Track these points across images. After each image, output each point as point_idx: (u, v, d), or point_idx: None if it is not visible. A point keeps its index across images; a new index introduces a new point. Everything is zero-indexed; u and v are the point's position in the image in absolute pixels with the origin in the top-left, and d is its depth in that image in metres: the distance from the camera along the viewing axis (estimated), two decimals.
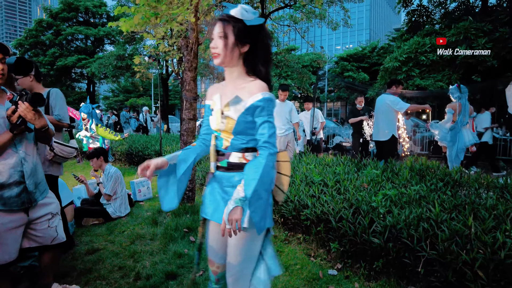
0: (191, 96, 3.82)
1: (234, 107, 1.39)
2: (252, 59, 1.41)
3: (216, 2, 4.01)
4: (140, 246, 3.03)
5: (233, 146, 1.43)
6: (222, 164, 1.46)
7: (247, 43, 1.38)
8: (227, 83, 1.49)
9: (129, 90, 37.35)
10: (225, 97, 1.44)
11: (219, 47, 1.37)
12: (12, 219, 1.75)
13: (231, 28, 1.35)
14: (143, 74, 11.80)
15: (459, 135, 5.05)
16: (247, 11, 1.36)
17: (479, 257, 1.87)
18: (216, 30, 1.38)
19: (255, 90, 1.36)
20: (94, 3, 26.07)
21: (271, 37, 1.46)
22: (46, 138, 1.91)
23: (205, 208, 1.51)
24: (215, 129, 1.47)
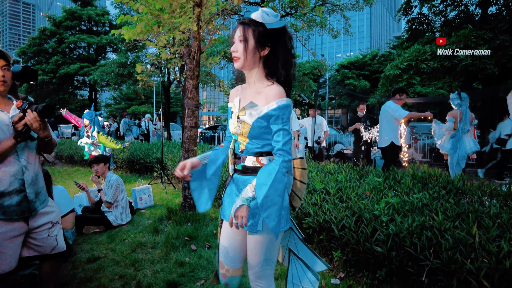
0: (193, 104, 3.83)
1: (249, 112, 1.40)
2: (272, 62, 1.41)
3: (218, 11, 4.04)
4: (141, 254, 3.01)
5: (248, 150, 1.45)
6: (238, 167, 1.49)
7: (267, 46, 1.39)
8: (247, 86, 1.50)
9: (131, 98, 37.53)
10: (243, 101, 1.46)
11: (239, 51, 1.38)
12: (12, 228, 1.74)
13: (252, 31, 1.36)
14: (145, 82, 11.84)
15: (460, 142, 5.04)
16: (268, 14, 1.36)
17: (484, 266, 1.85)
18: (236, 33, 1.40)
19: (271, 97, 1.36)
20: (97, 11, 26.36)
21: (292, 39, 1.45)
22: (48, 148, 1.91)
23: (223, 210, 1.55)
24: (232, 132, 1.50)
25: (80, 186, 4.04)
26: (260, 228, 1.40)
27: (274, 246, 1.46)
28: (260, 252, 1.43)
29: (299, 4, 12.18)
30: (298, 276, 1.58)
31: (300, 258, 1.59)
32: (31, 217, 1.84)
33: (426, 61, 8.98)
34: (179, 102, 35.48)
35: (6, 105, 1.81)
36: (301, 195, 1.59)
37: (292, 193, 1.57)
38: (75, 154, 8.49)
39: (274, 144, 1.36)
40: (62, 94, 26.74)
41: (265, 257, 1.44)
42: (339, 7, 14.99)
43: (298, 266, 1.59)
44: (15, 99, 1.85)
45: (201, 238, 3.29)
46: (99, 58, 27.36)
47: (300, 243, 1.62)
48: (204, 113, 71.76)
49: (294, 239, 1.62)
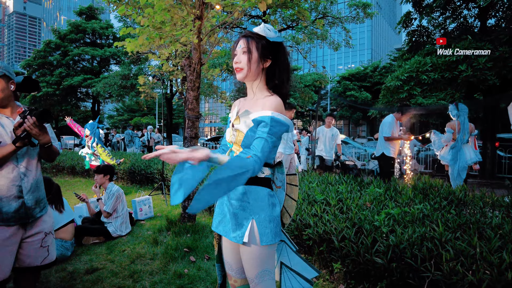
0: (194, 115, 3.85)
1: (244, 120, 1.41)
2: (273, 74, 1.44)
3: (219, 24, 4.10)
4: (140, 265, 2.99)
5: None
6: None
7: (269, 59, 1.42)
8: (248, 97, 1.53)
9: (133, 109, 37.82)
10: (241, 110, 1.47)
11: (242, 62, 1.41)
12: (9, 234, 1.74)
13: (255, 44, 1.40)
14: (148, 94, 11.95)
15: (460, 153, 5.05)
16: (270, 29, 1.42)
17: (486, 278, 1.82)
18: (239, 45, 1.43)
19: (267, 106, 1.36)
20: (101, 25, 26.75)
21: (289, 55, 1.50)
22: (49, 155, 1.92)
23: (214, 220, 1.54)
24: (228, 141, 1.50)
25: (80, 198, 4.04)
26: (246, 240, 1.37)
27: (268, 257, 1.43)
28: (255, 264, 1.40)
29: (300, 17, 12.36)
30: (292, 287, 1.56)
31: (292, 268, 1.57)
32: (29, 224, 1.83)
33: (426, 72, 9.01)
34: (181, 113, 35.68)
35: (12, 112, 1.85)
36: (291, 212, 1.56)
37: (283, 209, 1.55)
38: (76, 165, 8.51)
39: (252, 148, 1.30)
40: (65, 106, 26.94)
41: (261, 269, 1.41)
42: (339, 20, 15.21)
43: (291, 277, 1.57)
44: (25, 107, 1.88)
45: (200, 249, 3.27)
46: (103, 70, 27.66)
47: (292, 254, 1.60)
48: (206, 125, 72.02)
49: (287, 252, 1.60)
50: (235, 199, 1.42)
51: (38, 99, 25.57)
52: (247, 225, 1.38)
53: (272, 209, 1.43)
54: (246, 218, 1.39)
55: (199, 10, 3.59)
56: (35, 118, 1.69)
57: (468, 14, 10.27)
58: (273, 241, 1.41)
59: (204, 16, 3.63)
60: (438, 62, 8.81)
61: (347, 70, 40.32)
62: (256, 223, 1.39)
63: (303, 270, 1.59)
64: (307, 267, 1.61)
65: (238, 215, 1.40)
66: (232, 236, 1.40)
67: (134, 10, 4.02)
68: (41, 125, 1.73)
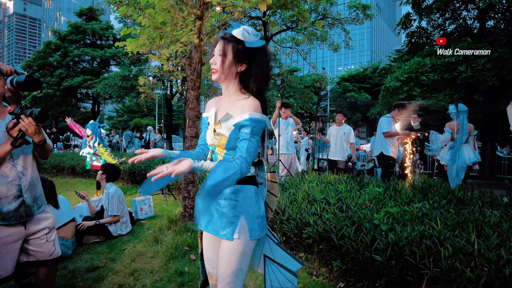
0: (194, 114, 3.87)
1: (225, 124, 1.42)
2: (247, 78, 1.45)
3: (219, 24, 4.12)
4: (141, 264, 3.00)
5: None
6: None
7: (244, 63, 1.43)
8: (223, 98, 1.54)
9: (133, 110, 37.79)
10: (219, 113, 1.49)
11: (217, 64, 1.43)
12: (10, 233, 1.76)
13: (231, 47, 1.41)
14: (148, 95, 11.98)
15: (458, 153, 5.07)
16: (249, 32, 1.40)
17: (484, 274, 1.84)
18: (217, 47, 1.44)
19: (246, 108, 1.38)
20: (101, 26, 26.80)
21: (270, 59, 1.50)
22: (43, 152, 1.92)
23: (200, 220, 1.55)
24: (209, 143, 1.51)
25: (80, 195, 4.06)
26: (237, 236, 1.41)
27: (248, 256, 1.46)
28: (233, 261, 1.42)
29: (300, 18, 12.40)
30: (276, 279, 1.58)
31: (275, 261, 1.59)
32: (29, 222, 1.85)
33: (426, 73, 9.03)
34: (181, 114, 35.68)
35: (1, 112, 1.82)
36: (272, 207, 1.64)
37: (265, 204, 1.61)
38: (76, 165, 8.52)
39: (237, 151, 1.36)
40: (65, 107, 26.96)
41: (237, 267, 1.43)
42: (339, 21, 15.23)
43: (275, 269, 1.59)
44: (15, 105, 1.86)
45: None
46: (103, 71, 27.69)
47: (275, 246, 1.63)
48: None
49: (269, 244, 1.62)
50: (223, 198, 1.45)
51: (38, 100, 25.57)
52: (237, 222, 1.42)
53: (259, 205, 1.49)
54: (236, 215, 1.42)
55: (200, 10, 3.62)
56: (32, 118, 1.68)
57: (467, 15, 10.31)
58: (261, 235, 1.47)
59: (205, 16, 3.65)
60: (437, 63, 8.83)
61: (346, 71, 40.36)
62: (246, 220, 1.43)
63: (286, 262, 1.61)
64: (290, 259, 1.63)
65: (227, 213, 1.43)
66: (222, 234, 1.43)
67: (135, 10, 4.05)
68: (37, 124, 1.72)
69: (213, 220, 1.47)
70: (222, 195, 1.45)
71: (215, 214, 1.47)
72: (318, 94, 26.99)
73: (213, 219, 1.47)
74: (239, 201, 1.44)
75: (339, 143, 6.26)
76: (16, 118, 1.69)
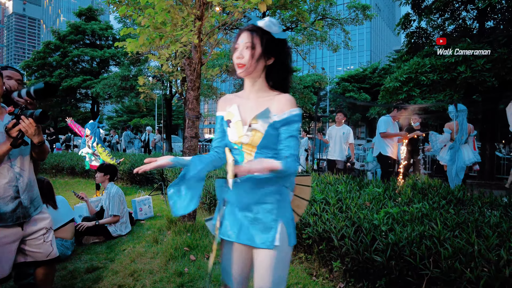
0: (194, 115, 3.87)
1: (262, 120, 1.32)
2: (275, 72, 1.37)
3: (219, 24, 4.12)
4: (140, 264, 3.00)
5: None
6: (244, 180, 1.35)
7: (272, 56, 1.34)
8: (246, 95, 1.44)
9: (132, 111, 37.79)
10: (247, 109, 1.38)
11: (245, 57, 1.31)
12: (7, 234, 1.75)
13: (259, 39, 1.31)
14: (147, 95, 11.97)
15: (458, 154, 5.08)
16: (274, 24, 1.32)
17: (484, 275, 1.84)
18: (242, 39, 1.33)
19: (284, 104, 1.32)
20: (101, 26, 26.78)
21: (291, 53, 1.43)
22: (41, 153, 1.92)
23: (226, 230, 1.39)
24: (235, 142, 1.38)
25: (78, 196, 4.05)
26: (278, 243, 1.29)
27: (288, 263, 1.36)
28: (274, 270, 1.30)
29: (300, 18, 12.40)
30: None
31: None
32: (26, 223, 1.85)
33: (425, 73, 9.05)
34: (180, 115, 35.68)
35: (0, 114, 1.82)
36: (299, 212, 1.55)
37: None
38: (76, 165, 8.51)
39: (287, 149, 1.29)
40: (64, 107, 26.96)
41: (278, 276, 1.32)
42: (339, 21, 15.24)
43: None
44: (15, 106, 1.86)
45: (200, 248, 3.28)
46: (102, 71, 27.67)
47: None
48: (206, 126, 72.05)
49: None
50: (255, 202, 1.34)
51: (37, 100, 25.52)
52: (276, 227, 1.31)
53: (291, 209, 1.42)
54: (274, 220, 1.32)
55: (200, 10, 3.61)
56: (33, 119, 1.67)
57: (466, 16, 10.32)
58: (295, 241, 1.39)
59: (205, 17, 3.65)
60: (437, 64, 8.84)
61: (346, 72, 40.42)
62: (285, 224, 1.33)
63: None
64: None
65: (263, 219, 1.32)
66: (259, 243, 1.31)
67: (135, 10, 4.05)
68: (37, 125, 1.72)
69: (243, 229, 1.35)
70: (252, 199, 1.35)
71: (244, 221, 1.35)
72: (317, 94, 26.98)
73: (243, 227, 1.35)
74: (275, 204, 1.33)
75: (338, 143, 6.21)
76: (16, 118, 1.67)
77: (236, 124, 1.38)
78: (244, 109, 1.39)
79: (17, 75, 1.92)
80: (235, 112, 1.40)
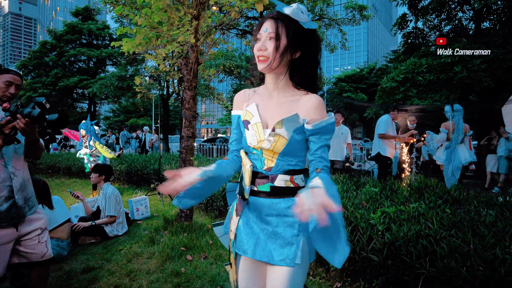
0: (191, 115, 3.86)
1: (289, 124, 1.17)
2: (302, 68, 1.20)
3: (216, 24, 4.12)
4: (137, 264, 2.99)
5: (279, 167, 1.21)
6: (263, 189, 1.22)
7: (299, 49, 1.17)
8: (267, 93, 1.27)
9: (129, 111, 37.62)
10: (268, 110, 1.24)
11: (268, 50, 1.15)
12: (1, 235, 1.73)
13: (285, 28, 1.14)
14: (144, 95, 11.95)
15: (454, 153, 5.10)
16: (303, 11, 1.15)
17: (480, 274, 1.85)
18: (265, 29, 1.16)
19: (319, 108, 1.17)
20: (98, 26, 26.72)
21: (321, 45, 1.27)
22: (36, 152, 1.90)
23: (242, 244, 1.23)
24: (254, 146, 1.23)
25: (74, 195, 4.03)
26: (299, 261, 1.15)
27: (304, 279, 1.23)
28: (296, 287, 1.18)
29: None
30: None
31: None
32: (21, 223, 1.83)
33: (422, 73, 9.10)
34: (178, 115, 35.62)
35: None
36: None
37: None
38: (72, 165, 8.48)
39: (320, 161, 1.16)
40: (61, 107, 26.86)
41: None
42: (336, 21, 15.29)
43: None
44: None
45: (197, 248, 3.27)
46: (99, 71, 27.60)
47: None
48: (203, 126, 71.99)
49: None
50: (274, 215, 1.20)
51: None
52: (298, 243, 1.17)
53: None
54: (295, 235, 1.17)
55: (196, 10, 3.61)
56: (30, 120, 1.64)
57: (463, 16, 10.39)
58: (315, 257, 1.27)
59: (201, 16, 3.64)
60: (433, 64, 8.89)
61: (343, 72, 40.48)
62: (306, 240, 1.19)
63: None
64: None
65: (283, 233, 1.18)
66: (279, 260, 1.16)
67: (131, 10, 4.03)
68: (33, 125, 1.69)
69: (260, 243, 1.20)
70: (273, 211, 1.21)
71: (261, 235, 1.20)
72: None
73: (260, 241, 1.20)
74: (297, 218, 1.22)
75: (337, 143, 6.20)
76: (12, 115, 1.64)
77: (255, 127, 1.22)
78: (265, 109, 1.24)
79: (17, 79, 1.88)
80: (254, 112, 1.24)
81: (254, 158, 1.25)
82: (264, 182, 1.22)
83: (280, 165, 1.20)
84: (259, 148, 1.22)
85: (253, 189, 1.24)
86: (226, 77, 17.42)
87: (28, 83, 26.12)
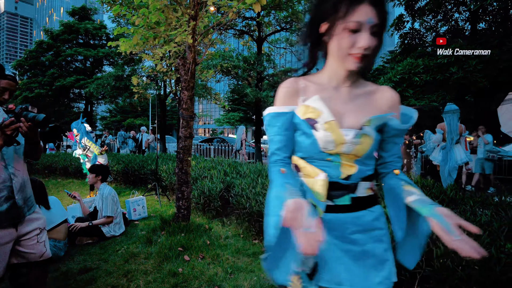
0: (188, 115, 3.86)
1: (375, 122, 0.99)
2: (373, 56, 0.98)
3: (213, 25, 4.12)
4: (134, 265, 2.99)
5: (361, 174, 1.01)
6: (341, 202, 1.00)
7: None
8: (332, 83, 1.05)
9: (126, 111, 37.54)
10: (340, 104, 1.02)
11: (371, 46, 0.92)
12: (2, 235, 1.73)
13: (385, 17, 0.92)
14: (141, 94, 11.92)
15: (450, 154, 5.13)
16: None
17: (475, 273, 1.86)
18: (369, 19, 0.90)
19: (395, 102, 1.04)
20: (95, 25, 26.57)
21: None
22: (36, 153, 1.91)
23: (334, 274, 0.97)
24: (330, 152, 0.99)
25: (71, 195, 4.02)
26: (395, 278, 1.01)
27: None
28: None
29: (294, 19, 12.43)
30: None
31: None
32: (20, 223, 1.83)
33: (418, 74, 9.16)
34: (175, 115, 35.56)
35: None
36: None
37: None
38: (69, 166, 8.45)
39: (398, 160, 1.06)
40: (58, 107, 26.71)
41: None
42: None
43: None
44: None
45: (195, 248, 3.27)
46: (96, 71, 27.47)
47: None
48: (200, 126, 71.89)
49: None
50: (360, 231, 1.00)
51: (30, 100, 25.30)
52: (392, 259, 1.02)
53: None
54: (386, 250, 1.01)
55: (194, 10, 3.61)
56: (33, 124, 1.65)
57: (459, 17, 10.46)
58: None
59: (199, 17, 3.64)
60: (430, 64, 8.94)
61: None
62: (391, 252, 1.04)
63: None
64: None
65: (373, 250, 1.00)
66: (377, 282, 0.97)
67: (128, 10, 4.03)
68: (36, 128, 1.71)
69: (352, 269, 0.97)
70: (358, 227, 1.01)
71: (346, 259, 0.98)
72: None
73: (351, 267, 0.98)
74: (384, 230, 1.03)
75: None
76: (16, 117, 1.66)
77: (329, 127, 0.98)
78: (335, 104, 1.01)
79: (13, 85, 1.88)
80: (321, 108, 0.99)
81: (326, 166, 1.00)
82: (343, 194, 1.00)
83: (362, 171, 1.01)
84: (336, 153, 0.99)
85: (330, 204, 1.00)
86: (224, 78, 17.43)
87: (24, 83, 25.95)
